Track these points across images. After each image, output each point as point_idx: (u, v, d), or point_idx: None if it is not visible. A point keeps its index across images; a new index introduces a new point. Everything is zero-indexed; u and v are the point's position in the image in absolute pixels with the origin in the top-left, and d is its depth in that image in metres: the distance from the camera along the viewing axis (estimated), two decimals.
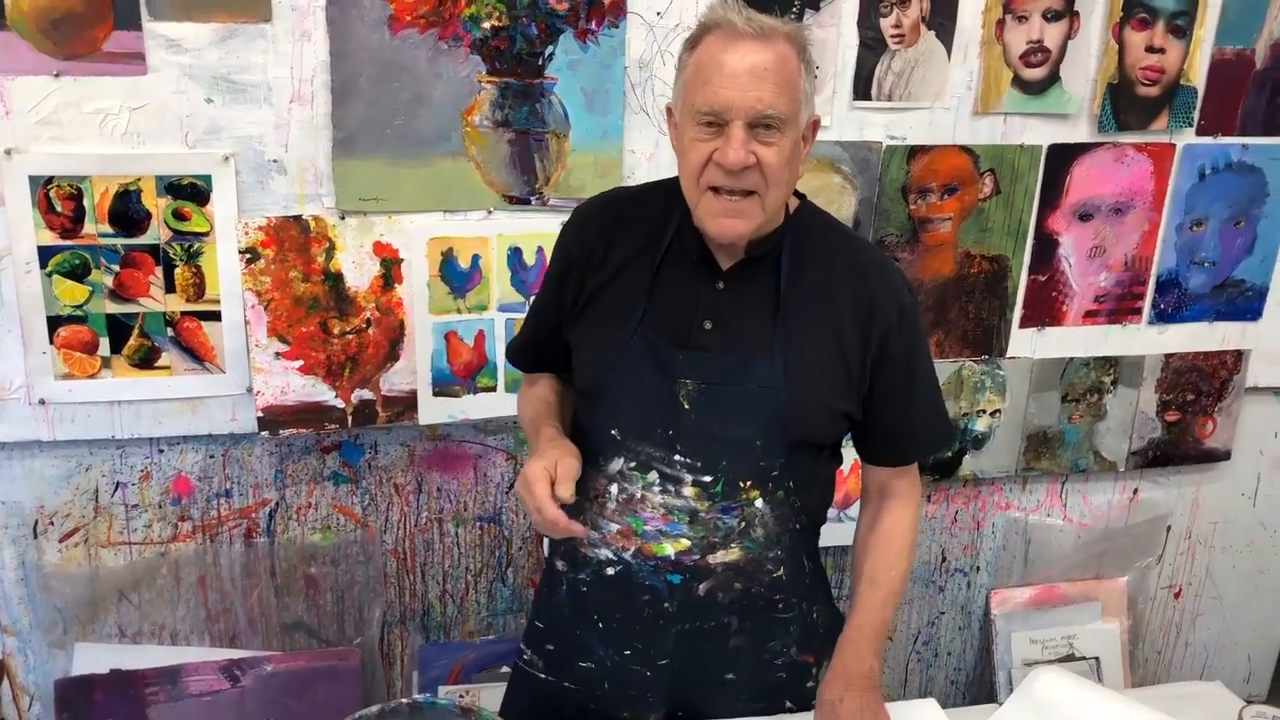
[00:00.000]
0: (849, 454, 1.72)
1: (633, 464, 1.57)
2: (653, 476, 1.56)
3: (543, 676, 1.73)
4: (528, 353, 1.78)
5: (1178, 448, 2.71)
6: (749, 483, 1.56)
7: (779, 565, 1.62)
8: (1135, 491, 2.77)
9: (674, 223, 1.58)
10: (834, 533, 2.43)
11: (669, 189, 1.59)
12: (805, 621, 1.69)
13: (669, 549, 1.58)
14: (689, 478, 1.55)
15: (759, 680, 1.68)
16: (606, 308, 1.59)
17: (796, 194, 1.61)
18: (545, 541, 1.81)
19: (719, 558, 1.58)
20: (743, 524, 1.57)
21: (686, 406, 1.53)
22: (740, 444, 1.54)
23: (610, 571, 1.61)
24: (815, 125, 1.54)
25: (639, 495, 1.57)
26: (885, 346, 1.57)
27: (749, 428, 1.53)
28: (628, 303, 1.57)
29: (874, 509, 1.71)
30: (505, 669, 2.37)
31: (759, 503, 1.57)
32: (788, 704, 1.69)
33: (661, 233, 1.58)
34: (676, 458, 1.54)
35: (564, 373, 1.74)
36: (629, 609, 1.62)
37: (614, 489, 1.58)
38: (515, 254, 2.18)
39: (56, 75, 1.91)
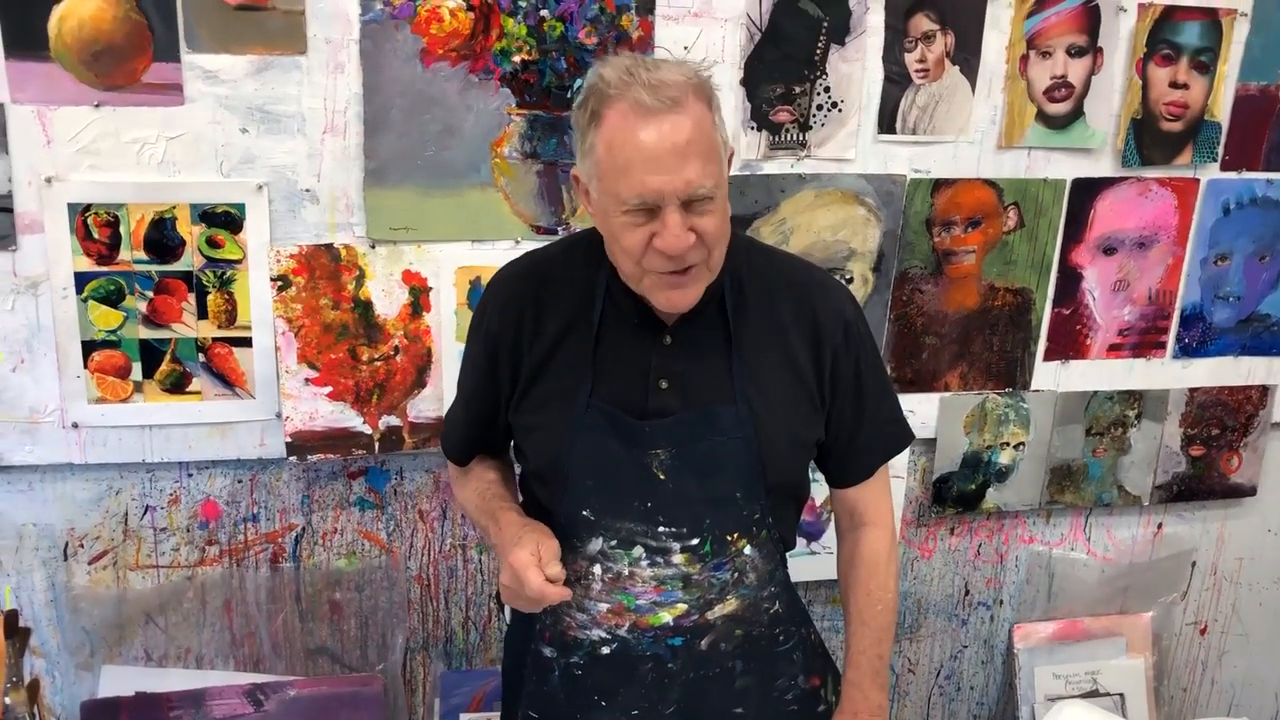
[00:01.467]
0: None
1: (613, 542, 1.53)
2: (638, 551, 1.52)
3: None
4: (467, 445, 1.72)
5: (1203, 483, 2.70)
6: (736, 534, 1.55)
7: (774, 601, 1.62)
8: (1160, 526, 2.76)
9: (601, 286, 1.51)
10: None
11: (585, 246, 1.54)
12: (805, 645, 1.70)
13: (666, 617, 1.55)
14: (676, 545, 1.52)
15: (770, 712, 1.66)
16: (550, 384, 1.53)
17: None
18: (506, 630, 1.77)
19: (717, 612, 1.57)
20: (735, 575, 1.57)
21: (662, 477, 1.50)
22: (721, 499, 1.52)
23: (606, 650, 1.58)
24: (730, 158, 1.47)
25: (626, 572, 1.53)
26: (835, 367, 1.55)
27: (728, 480, 1.51)
28: (572, 376, 1.51)
29: (850, 540, 1.71)
30: None
31: (748, 550, 1.56)
32: None
33: (591, 297, 1.52)
34: (660, 529, 1.51)
35: (490, 455, 1.72)
36: (632, 679, 1.59)
37: (597, 569, 1.54)
38: None
39: (97, 106, 1.95)
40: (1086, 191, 2.41)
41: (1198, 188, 2.48)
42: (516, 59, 2.07)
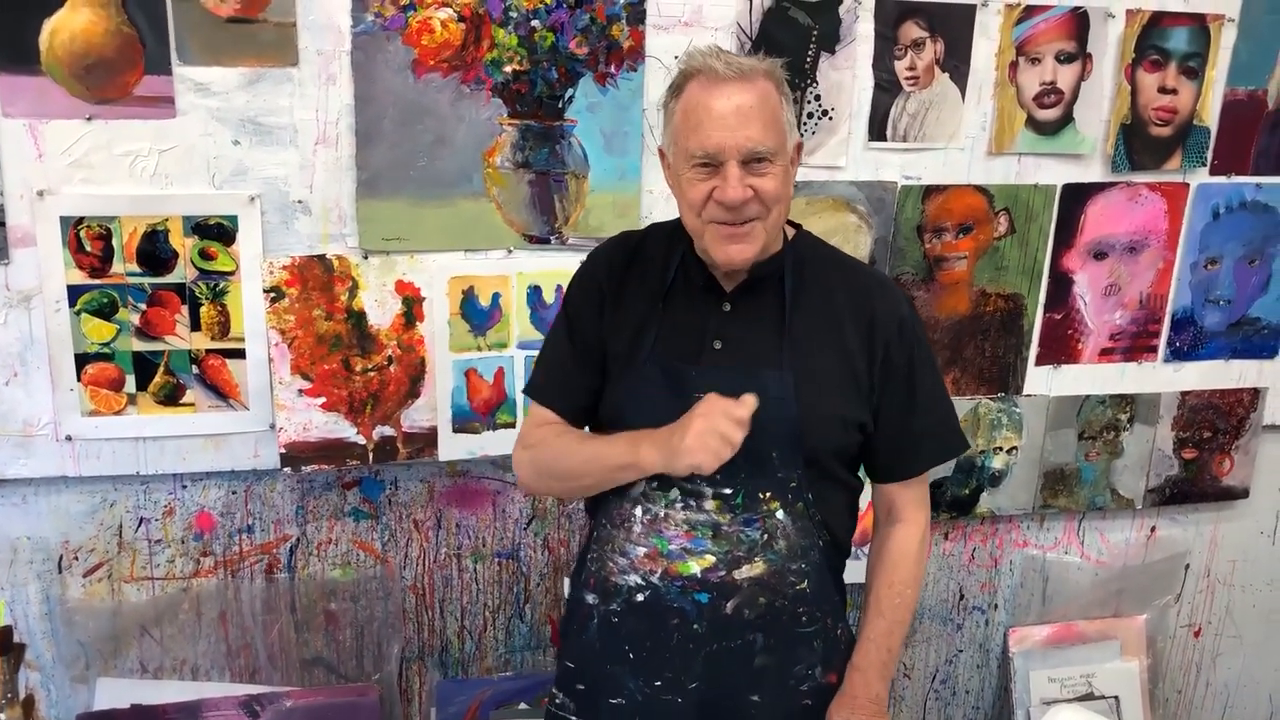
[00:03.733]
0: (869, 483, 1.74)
1: (654, 484, 1.61)
2: (674, 494, 1.60)
3: (573, 719, 1.72)
4: (560, 388, 1.72)
5: (1195, 485, 2.71)
6: (768, 494, 1.60)
7: (802, 578, 1.64)
8: (1153, 529, 2.77)
9: (677, 256, 1.65)
10: (856, 569, 2.46)
11: (669, 228, 1.69)
12: (828, 637, 1.69)
13: (694, 567, 1.60)
14: (709, 491, 1.59)
15: (784, 708, 1.67)
16: (620, 344, 1.64)
17: (793, 223, 1.68)
18: (567, 580, 1.81)
19: (744, 573, 1.60)
20: (765, 536, 1.60)
21: None
22: (757, 456, 1.56)
23: (640, 598, 1.64)
24: (799, 148, 1.61)
25: (662, 514, 1.61)
26: (888, 358, 1.63)
27: (764, 439, 1.55)
28: (641, 336, 1.63)
29: (882, 533, 1.74)
30: (523, 705, 2.37)
31: (780, 514, 1.60)
32: None
33: (665, 267, 1.65)
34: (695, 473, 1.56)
35: (581, 421, 1.72)
36: (659, 635, 1.63)
37: (638, 511, 1.62)
38: (535, 292, 2.21)
39: (88, 119, 1.95)
40: (1077, 197, 2.42)
41: (1187, 192, 2.49)
42: (508, 69, 2.08)
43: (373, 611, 2.35)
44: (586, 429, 1.74)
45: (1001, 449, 2.55)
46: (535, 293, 2.21)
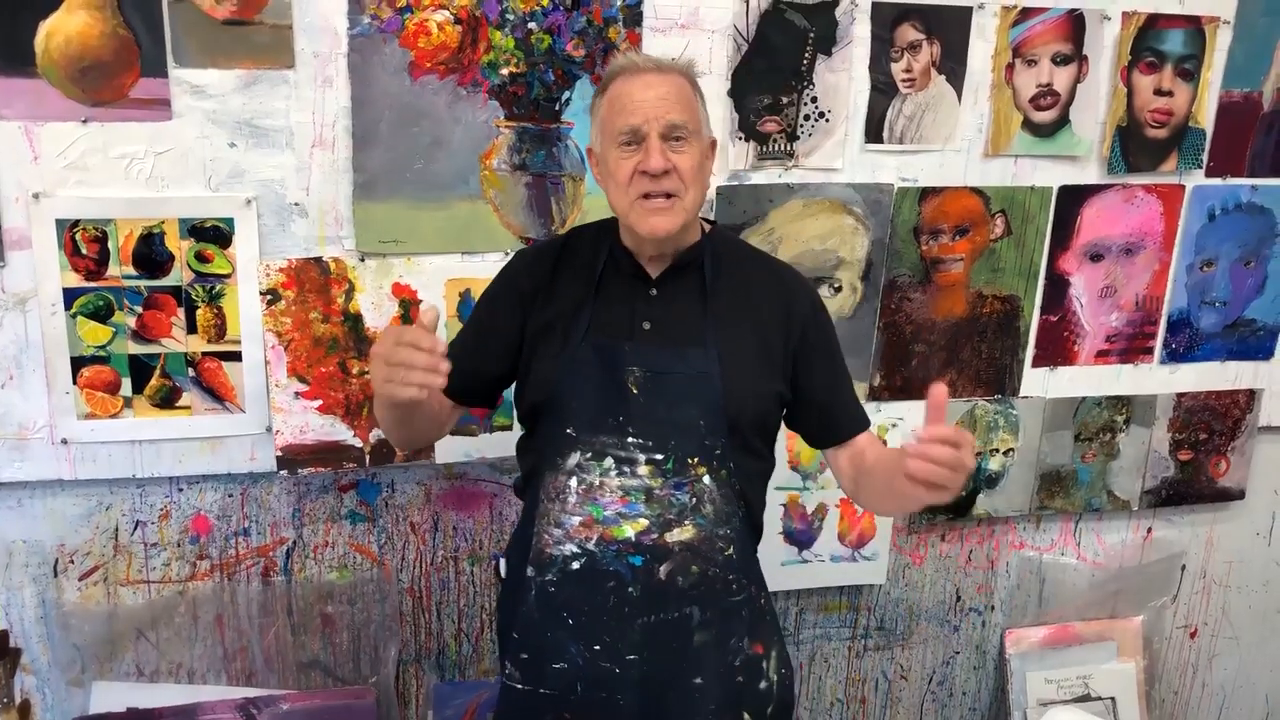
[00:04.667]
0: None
1: (589, 455, 1.71)
2: (608, 463, 1.71)
3: (520, 688, 1.78)
4: (456, 377, 1.72)
5: (1191, 487, 2.72)
6: (696, 459, 1.71)
7: (729, 544, 1.74)
8: (1149, 530, 2.77)
9: (605, 248, 1.78)
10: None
11: (594, 228, 1.84)
12: (753, 606, 1.79)
13: (628, 530, 1.70)
14: (642, 457, 1.70)
15: (723, 686, 1.75)
16: (554, 333, 1.75)
17: (709, 221, 1.83)
18: (502, 559, 1.90)
19: (675, 536, 1.71)
20: (694, 500, 1.71)
21: (635, 391, 1.70)
22: (685, 425, 1.71)
23: (575, 566, 1.72)
24: (713, 145, 1.76)
25: (597, 483, 1.71)
26: (805, 336, 1.78)
27: (692, 410, 1.70)
28: (573, 322, 1.74)
29: (858, 462, 1.83)
30: None
31: (706, 479, 1.72)
32: (745, 717, 1.77)
33: (594, 259, 1.78)
34: (629, 439, 1.70)
35: (457, 397, 1.81)
36: (595, 600, 1.72)
37: (573, 482, 1.72)
38: None
39: (84, 121, 1.95)
40: (1073, 198, 2.43)
41: (1183, 194, 2.49)
42: (504, 71, 2.08)
43: (369, 614, 2.35)
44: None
45: (998, 450, 2.55)
46: None
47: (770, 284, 1.81)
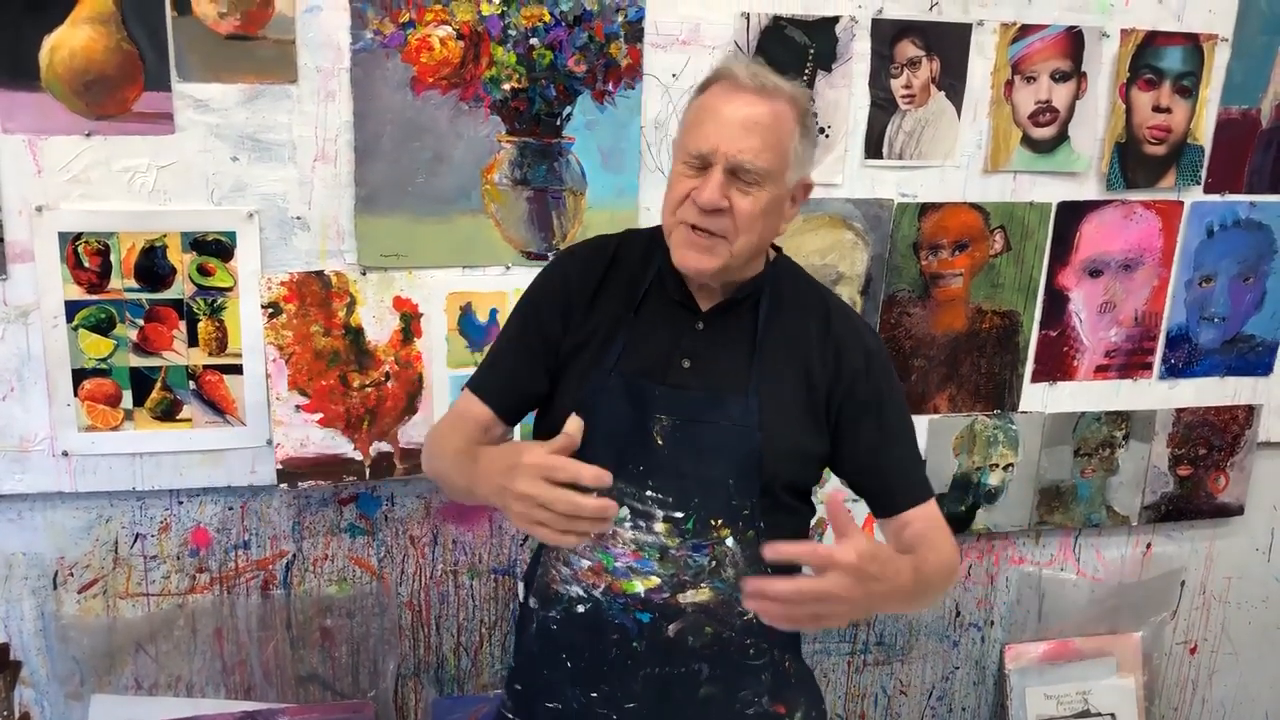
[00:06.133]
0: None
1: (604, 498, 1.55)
2: (624, 512, 1.55)
3: (511, 718, 1.72)
4: (499, 380, 1.68)
5: (1190, 502, 2.72)
6: (720, 521, 1.56)
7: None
8: (1149, 546, 2.77)
9: (654, 266, 1.62)
10: None
11: (646, 236, 1.67)
12: (777, 671, 1.66)
13: (639, 586, 1.57)
14: (660, 513, 1.55)
15: None
16: (587, 350, 1.60)
17: (774, 246, 1.66)
18: (520, 583, 1.80)
19: (689, 597, 1.57)
20: (713, 563, 1.57)
21: (660, 442, 1.55)
22: (713, 482, 1.55)
23: (580, 609, 1.60)
24: (807, 188, 1.59)
25: (610, 531, 1.56)
26: (853, 390, 1.59)
27: (722, 466, 1.54)
28: (608, 344, 1.59)
29: (900, 537, 1.62)
30: None
31: (729, 542, 1.57)
32: None
33: (643, 274, 1.62)
34: (648, 493, 1.55)
35: (513, 417, 1.69)
36: (598, 648, 1.60)
37: None
38: None
39: (88, 135, 1.95)
40: (1072, 214, 2.43)
41: (1182, 210, 2.50)
42: (506, 87, 2.09)
43: (368, 628, 2.34)
44: (516, 433, 1.70)
45: (998, 466, 2.55)
46: None
47: (824, 329, 1.62)
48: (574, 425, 1.38)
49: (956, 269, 2.41)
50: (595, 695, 1.62)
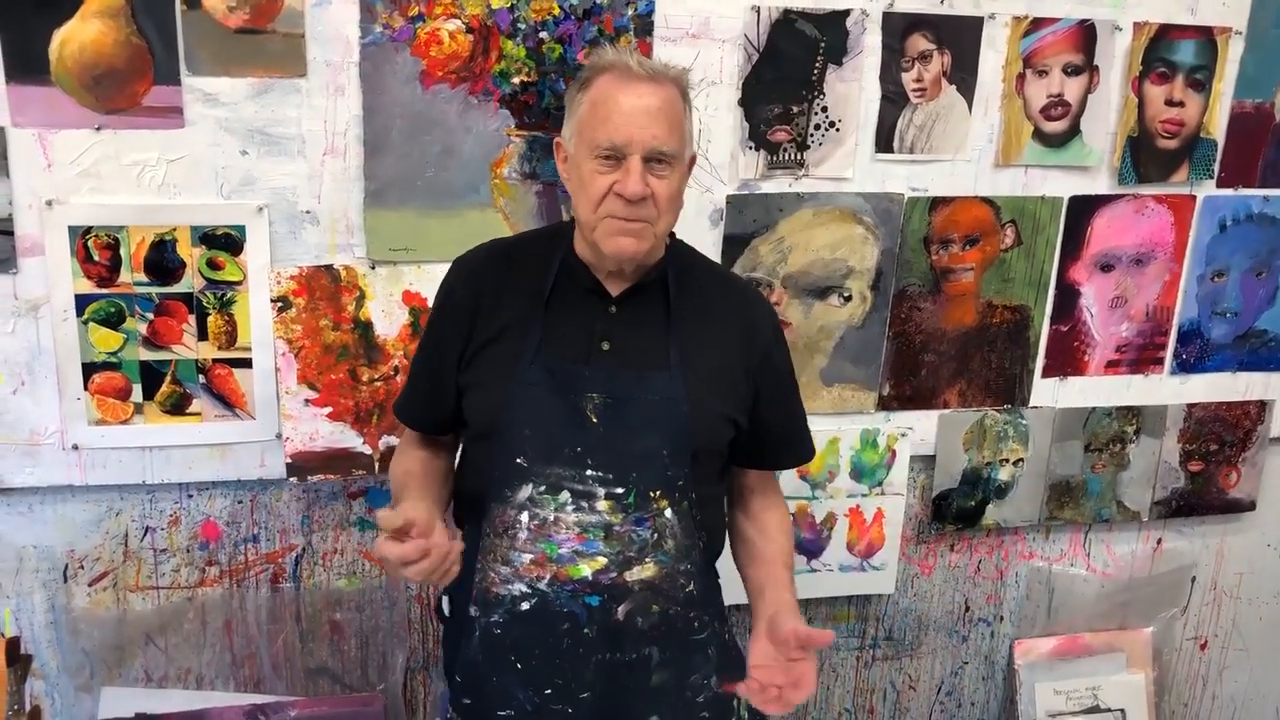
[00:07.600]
0: None
1: (542, 488, 1.60)
2: (564, 497, 1.59)
3: None
4: (417, 406, 1.79)
5: (1202, 498, 2.71)
6: (658, 492, 1.61)
7: (690, 580, 1.66)
8: (1159, 541, 2.76)
9: (558, 260, 1.67)
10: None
11: (549, 233, 1.76)
12: (720, 643, 1.72)
13: (585, 569, 1.59)
14: (601, 491, 1.59)
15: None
16: (501, 348, 1.64)
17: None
18: (443, 597, 1.78)
19: (635, 574, 1.61)
20: (655, 535, 1.61)
21: (594, 420, 1.60)
22: (648, 455, 1.60)
23: (525, 606, 1.61)
24: (693, 161, 1.67)
25: (551, 518, 1.59)
26: (767, 358, 1.72)
27: (655, 438, 1.60)
28: (522, 339, 1.63)
29: (750, 507, 1.80)
30: None
31: (668, 513, 1.62)
32: None
33: (547, 271, 1.67)
34: (588, 473, 1.59)
35: (447, 431, 1.78)
36: (548, 642, 1.62)
37: (524, 517, 1.60)
38: None
39: (97, 129, 1.95)
40: (1083, 209, 2.42)
41: (1194, 204, 2.49)
42: (516, 80, 2.08)
43: (377, 621, 2.35)
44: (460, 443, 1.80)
45: (1008, 461, 2.55)
46: None
47: (732, 304, 1.73)
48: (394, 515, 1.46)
49: (967, 263, 2.40)
50: (549, 692, 1.63)
